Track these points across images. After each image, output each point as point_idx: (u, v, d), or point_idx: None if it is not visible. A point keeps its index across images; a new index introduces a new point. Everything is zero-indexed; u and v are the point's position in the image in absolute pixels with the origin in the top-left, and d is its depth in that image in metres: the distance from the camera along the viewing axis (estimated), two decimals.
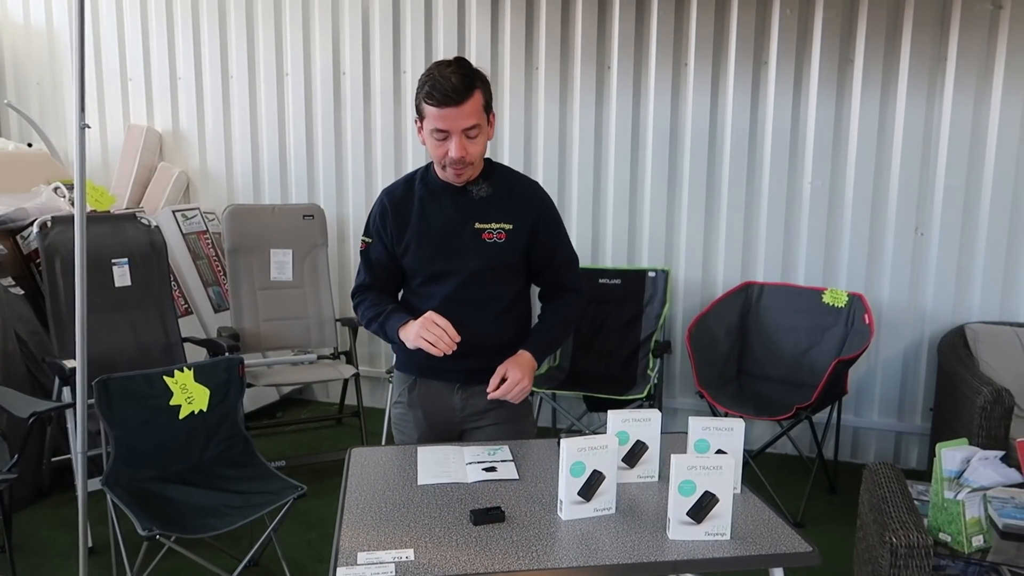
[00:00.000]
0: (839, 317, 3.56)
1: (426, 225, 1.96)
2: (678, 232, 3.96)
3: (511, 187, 2.00)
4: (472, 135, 1.84)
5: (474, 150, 1.86)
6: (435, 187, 1.98)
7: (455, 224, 1.95)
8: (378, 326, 2.00)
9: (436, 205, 1.96)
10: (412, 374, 2.06)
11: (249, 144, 4.54)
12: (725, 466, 1.48)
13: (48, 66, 4.86)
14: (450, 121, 1.80)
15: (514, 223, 1.96)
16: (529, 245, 1.99)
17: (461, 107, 1.79)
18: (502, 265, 1.97)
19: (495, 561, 1.41)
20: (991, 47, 3.45)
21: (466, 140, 1.84)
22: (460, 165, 1.86)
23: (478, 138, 1.86)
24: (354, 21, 4.25)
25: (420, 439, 2.06)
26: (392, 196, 2.01)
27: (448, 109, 1.79)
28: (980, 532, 1.89)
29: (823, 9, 3.61)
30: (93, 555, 2.87)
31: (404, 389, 2.08)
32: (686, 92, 3.84)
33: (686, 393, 4.04)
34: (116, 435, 2.47)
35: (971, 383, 2.95)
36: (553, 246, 2.04)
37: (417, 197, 1.98)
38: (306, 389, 4.72)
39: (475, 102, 1.82)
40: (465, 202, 1.95)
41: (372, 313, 2.01)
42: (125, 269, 3.46)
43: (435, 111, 1.81)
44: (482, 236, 1.94)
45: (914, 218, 3.65)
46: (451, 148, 1.83)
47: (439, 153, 1.86)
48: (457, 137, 1.82)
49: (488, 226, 1.95)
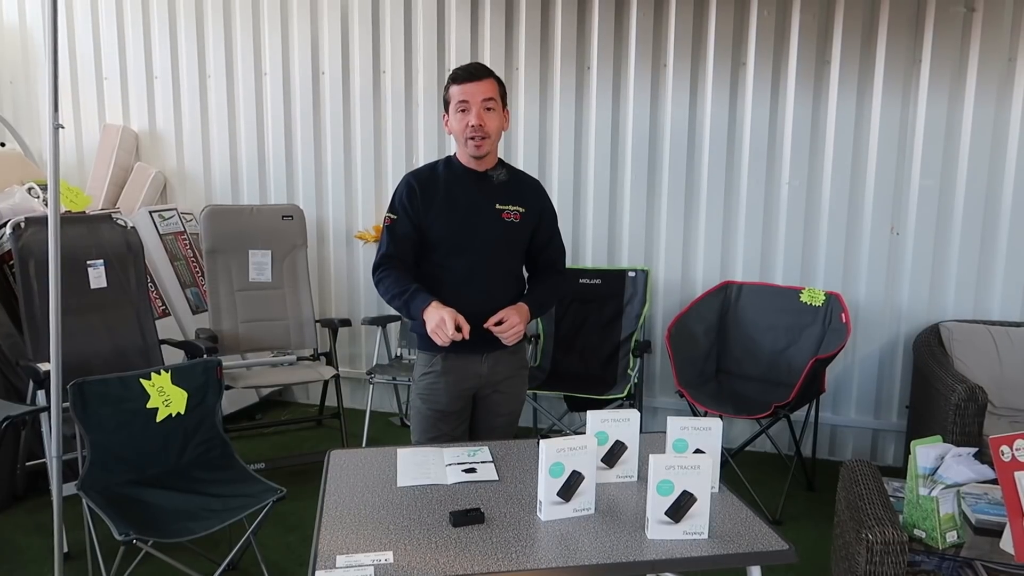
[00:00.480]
0: (816, 316, 3.60)
1: (453, 201, 2.23)
2: (658, 232, 3.98)
3: (520, 180, 2.36)
4: (489, 107, 2.16)
5: (491, 123, 2.17)
6: (459, 172, 2.27)
7: (479, 202, 2.25)
8: (402, 303, 2.18)
9: (461, 187, 2.25)
10: (440, 350, 2.24)
11: (227, 144, 4.50)
12: (703, 466, 1.49)
13: (21, 64, 4.79)
14: (470, 93, 2.15)
15: (526, 208, 2.30)
16: (534, 230, 2.33)
17: (480, 83, 2.16)
18: (516, 241, 2.30)
19: (475, 563, 1.41)
20: (964, 49, 3.50)
21: (484, 112, 2.15)
22: (480, 134, 2.15)
23: (494, 114, 2.18)
24: (333, 21, 4.23)
25: (448, 403, 2.27)
26: (419, 177, 2.27)
27: (468, 84, 2.15)
28: (954, 528, 1.91)
29: (800, 11, 3.64)
30: (69, 560, 2.83)
31: (436, 360, 2.27)
32: (665, 93, 3.86)
33: (666, 392, 4.06)
34: (92, 439, 2.44)
35: (945, 381, 2.99)
36: (551, 234, 2.40)
37: (443, 179, 2.26)
38: (286, 391, 4.69)
39: (492, 83, 2.19)
40: (486, 186, 2.27)
41: (397, 289, 2.19)
42: (101, 270, 3.42)
43: (458, 88, 2.17)
44: (502, 215, 2.26)
45: (890, 218, 3.69)
46: (471, 117, 2.14)
47: (461, 125, 2.17)
48: (476, 107, 2.15)
49: (507, 207, 2.27)
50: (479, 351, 2.26)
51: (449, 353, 2.25)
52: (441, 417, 2.28)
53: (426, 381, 2.30)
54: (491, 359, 2.29)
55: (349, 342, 4.50)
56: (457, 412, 2.30)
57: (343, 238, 4.42)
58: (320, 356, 4.05)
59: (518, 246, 2.33)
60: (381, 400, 4.50)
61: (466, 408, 2.33)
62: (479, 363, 2.28)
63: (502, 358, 2.31)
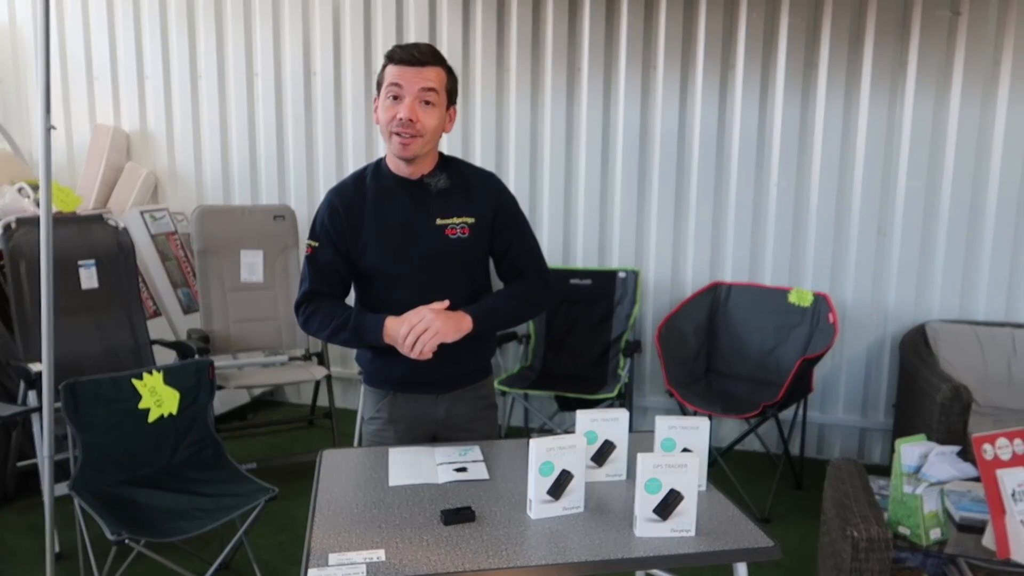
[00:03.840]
0: (804, 316, 3.63)
1: (383, 222, 1.84)
2: (648, 233, 4.00)
3: (468, 180, 1.91)
4: (428, 99, 1.76)
5: (427, 120, 1.76)
6: (389, 182, 1.87)
7: (415, 220, 1.84)
8: (350, 333, 1.83)
9: (392, 201, 1.85)
10: (390, 389, 1.96)
11: (219, 144, 4.50)
12: (690, 464, 1.51)
13: (11, 64, 4.78)
14: (407, 78, 1.74)
15: (476, 216, 1.88)
16: (491, 237, 1.92)
17: (421, 69, 1.74)
18: (469, 261, 1.90)
19: (465, 560, 1.43)
20: (950, 52, 3.53)
21: (420, 105, 1.75)
22: (409, 130, 1.74)
23: (433, 109, 1.77)
24: (324, 21, 4.24)
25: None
26: (342, 195, 1.88)
27: (407, 67, 1.74)
28: (938, 525, 1.94)
29: (788, 14, 3.67)
30: (60, 561, 2.83)
31: (382, 404, 1.97)
32: (655, 94, 3.89)
33: (656, 392, 4.09)
34: (83, 439, 2.44)
35: (931, 380, 3.02)
36: (511, 236, 1.94)
37: (371, 194, 1.86)
38: (277, 391, 4.69)
39: (438, 73, 1.77)
40: (423, 196, 1.85)
41: (336, 321, 1.84)
42: (92, 271, 3.42)
43: (394, 69, 1.75)
44: (445, 232, 1.85)
45: (877, 219, 3.73)
46: (401, 108, 1.74)
47: (388, 116, 1.76)
48: (411, 98, 1.74)
49: (450, 221, 1.85)
50: (433, 390, 1.94)
51: (398, 394, 1.94)
52: None
53: (374, 427, 1.98)
54: (448, 400, 1.96)
55: None
56: None
57: None
58: (312, 356, 4.05)
59: (473, 264, 1.91)
60: None
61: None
62: (433, 404, 1.95)
63: (462, 398, 1.96)
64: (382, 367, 1.93)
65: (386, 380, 1.96)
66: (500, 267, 1.98)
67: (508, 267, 1.97)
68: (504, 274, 1.99)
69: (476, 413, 2.01)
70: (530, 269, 1.96)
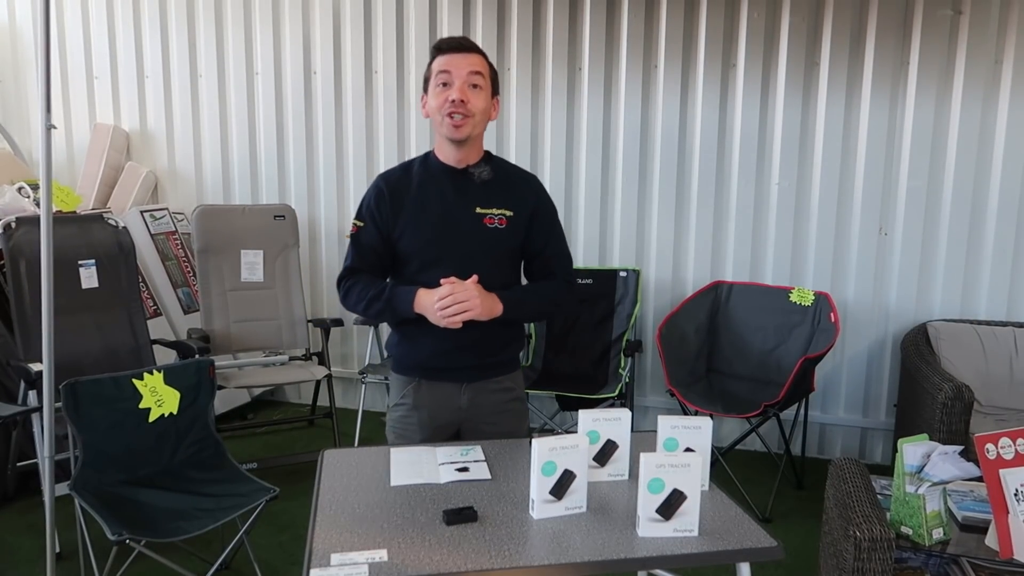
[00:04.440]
0: (806, 316, 3.63)
1: (424, 207, 1.92)
2: (649, 232, 4.00)
3: (510, 175, 2.01)
4: (476, 83, 1.85)
5: (476, 101, 1.85)
6: (435, 170, 1.95)
7: (456, 207, 1.92)
8: (383, 304, 1.90)
9: (436, 188, 1.93)
10: (415, 376, 2.00)
11: (219, 144, 4.50)
12: (693, 464, 1.50)
13: (11, 64, 4.77)
14: (455, 64, 1.84)
15: (514, 210, 1.95)
16: (527, 234, 1.99)
17: (468, 55, 1.85)
18: (503, 251, 1.96)
19: (468, 561, 1.42)
20: (951, 52, 3.53)
21: (469, 88, 1.84)
22: (460, 110, 1.83)
23: (481, 92, 1.87)
24: (325, 20, 4.23)
25: (423, 441, 1.99)
26: (389, 179, 1.97)
27: (454, 55, 1.85)
28: (940, 525, 1.94)
29: (789, 14, 3.67)
30: (61, 561, 2.83)
31: (408, 391, 2.01)
32: (656, 94, 3.88)
33: (657, 391, 4.08)
34: (84, 439, 2.44)
35: (932, 380, 3.02)
36: (547, 237, 2.02)
37: (416, 180, 1.95)
38: (278, 391, 4.69)
39: (481, 60, 1.88)
40: (466, 185, 1.93)
41: (372, 292, 1.92)
42: (92, 270, 3.41)
43: (442, 58, 1.86)
44: (483, 221, 1.92)
45: (878, 218, 3.72)
46: (453, 91, 1.83)
47: (440, 101, 1.84)
48: (460, 82, 1.83)
49: (489, 211, 1.93)
50: (457, 378, 1.98)
51: (422, 381, 1.99)
52: None
53: (398, 414, 2.02)
54: (472, 390, 1.99)
55: (341, 342, 4.51)
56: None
57: (335, 238, 4.42)
58: (312, 356, 4.05)
59: (506, 257, 1.97)
60: (373, 400, 4.50)
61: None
62: (458, 394, 1.99)
63: (486, 389, 1.99)
64: (408, 350, 1.98)
65: (412, 365, 2.00)
66: (531, 267, 2.05)
67: (539, 268, 2.04)
68: (534, 274, 2.06)
69: (501, 406, 2.02)
70: (560, 272, 2.04)
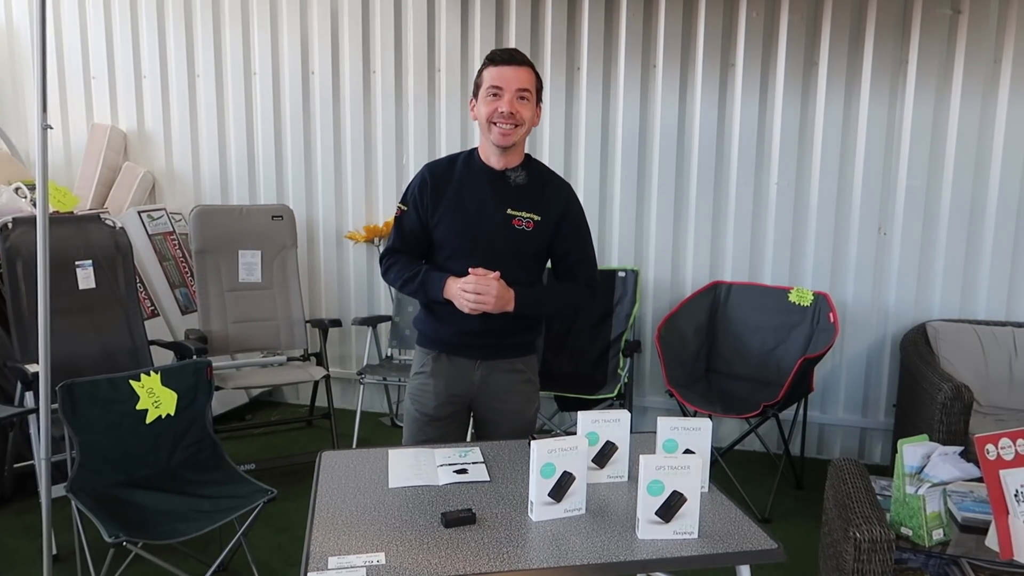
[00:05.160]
0: (805, 316, 3.62)
1: (462, 201, 2.09)
2: (647, 232, 3.99)
3: (545, 182, 2.16)
4: (523, 96, 2.02)
5: (523, 112, 2.02)
6: (477, 169, 2.12)
7: (489, 206, 2.08)
8: (417, 285, 2.09)
9: (475, 186, 2.10)
10: (436, 349, 2.18)
11: (216, 144, 4.48)
12: (693, 466, 1.50)
13: (8, 64, 4.76)
14: (505, 78, 2.01)
15: (543, 216, 2.10)
16: (552, 239, 2.13)
17: (517, 69, 2.02)
18: (527, 252, 2.11)
19: (466, 563, 1.42)
20: (950, 51, 3.53)
21: (517, 100, 2.01)
22: (509, 121, 2.01)
23: (527, 103, 2.03)
24: (323, 20, 4.22)
25: (436, 408, 2.17)
26: (434, 170, 2.14)
27: (505, 67, 2.01)
28: (940, 526, 1.93)
29: (788, 12, 3.66)
30: (58, 562, 2.82)
31: (427, 360, 2.19)
32: (655, 93, 3.88)
33: (656, 392, 4.08)
34: (81, 440, 2.43)
35: (932, 380, 3.02)
36: (571, 243, 2.16)
37: (458, 175, 2.12)
38: (276, 391, 4.68)
39: (530, 73, 2.05)
40: (502, 187, 2.10)
41: (408, 274, 2.10)
42: (89, 271, 3.40)
43: (494, 70, 2.02)
44: (512, 222, 2.08)
45: (877, 218, 3.72)
46: (502, 104, 2.00)
47: (490, 109, 2.01)
48: (509, 94, 2.00)
49: (519, 214, 2.09)
50: (473, 355, 2.15)
51: (442, 354, 2.16)
52: (428, 422, 2.16)
53: (417, 382, 2.21)
54: (484, 368, 2.15)
55: (339, 342, 4.50)
56: (445, 418, 2.17)
57: (333, 238, 4.41)
58: (310, 356, 4.04)
59: (530, 257, 2.12)
60: (371, 400, 4.49)
61: (456, 416, 2.20)
62: (472, 369, 2.15)
63: (498, 368, 2.15)
64: (434, 327, 2.17)
65: (434, 340, 2.18)
66: (557, 268, 2.21)
67: (565, 270, 2.19)
68: (559, 275, 2.21)
69: (511, 386, 2.17)
70: (584, 277, 2.18)
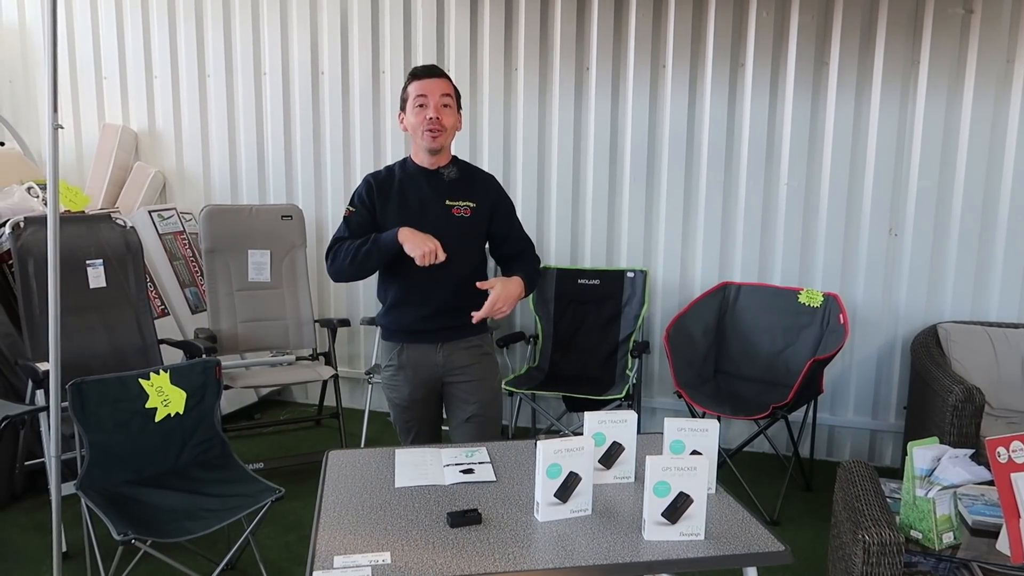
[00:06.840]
0: (815, 317, 3.60)
1: (405, 200, 2.36)
2: (656, 233, 3.98)
3: (473, 175, 2.46)
4: (446, 103, 2.30)
5: (447, 118, 2.30)
6: (413, 172, 2.40)
7: (430, 200, 2.36)
8: (370, 246, 2.26)
9: (414, 185, 2.37)
10: (400, 341, 2.41)
11: (227, 144, 4.50)
12: (699, 467, 1.49)
13: (20, 64, 4.80)
14: (429, 88, 2.28)
15: (477, 202, 2.39)
16: (489, 223, 2.43)
17: (438, 80, 2.30)
18: (468, 235, 2.38)
19: (472, 563, 1.41)
20: (962, 50, 3.50)
21: (441, 107, 2.29)
22: (436, 126, 2.27)
23: (450, 110, 2.31)
24: (333, 21, 4.23)
25: (410, 394, 2.41)
26: (376, 177, 2.41)
27: (427, 80, 2.30)
28: (950, 529, 1.92)
29: (799, 12, 3.65)
30: (67, 560, 2.83)
31: (393, 354, 2.42)
32: (664, 93, 3.86)
33: (664, 393, 4.07)
34: (90, 439, 2.44)
35: (943, 382, 2.99)
36: (510, 224, 2.48)
37: (398, 179, 2.39)
38: (284, 391, 4.69)
39: (449, 83, 2.33)
40: (437, 183, 2.38)
41: (358, 242, 2.29)
42: (100, 270, 3.42)
43: (418, 83, 2.30)
44: (452, 211, 2.36)
45: (888, 219, 3.69)
46: (429, 111, 2.27)
47: (419, 119, 2.28)
48: (434, 101, 2.28)
49: (456, 203, 2.37)
50: (434, 340, 2.38)
51: (406, 345, 2.39)
52: (408, 407, 2.42)
53: (388, 374, 2.44)
54: (447, 348, 2.39)
55: (348, 342, 4.51)
56: (421, 401, 2.42)
57: None
58: (319, 356, 4.05)
59: (472, 240, 2.41)
60: (380, 400, 4.48)
61: (430, 396, 2.43)
62: (435, 352, 2.39)
63: (458, 347, 2.40)
64: (395, 319, 2.39)
65: (397, 331, 2.41)
66: (503, 247, 2.49)
67: (511, 246, 2.49)
68: (507, 253, 2.49)
69: (472, 359, 2.42)
70: (526, 248, 2.52)
